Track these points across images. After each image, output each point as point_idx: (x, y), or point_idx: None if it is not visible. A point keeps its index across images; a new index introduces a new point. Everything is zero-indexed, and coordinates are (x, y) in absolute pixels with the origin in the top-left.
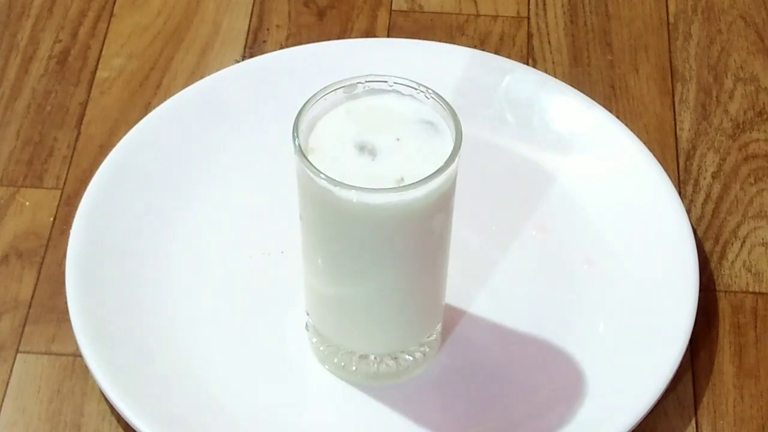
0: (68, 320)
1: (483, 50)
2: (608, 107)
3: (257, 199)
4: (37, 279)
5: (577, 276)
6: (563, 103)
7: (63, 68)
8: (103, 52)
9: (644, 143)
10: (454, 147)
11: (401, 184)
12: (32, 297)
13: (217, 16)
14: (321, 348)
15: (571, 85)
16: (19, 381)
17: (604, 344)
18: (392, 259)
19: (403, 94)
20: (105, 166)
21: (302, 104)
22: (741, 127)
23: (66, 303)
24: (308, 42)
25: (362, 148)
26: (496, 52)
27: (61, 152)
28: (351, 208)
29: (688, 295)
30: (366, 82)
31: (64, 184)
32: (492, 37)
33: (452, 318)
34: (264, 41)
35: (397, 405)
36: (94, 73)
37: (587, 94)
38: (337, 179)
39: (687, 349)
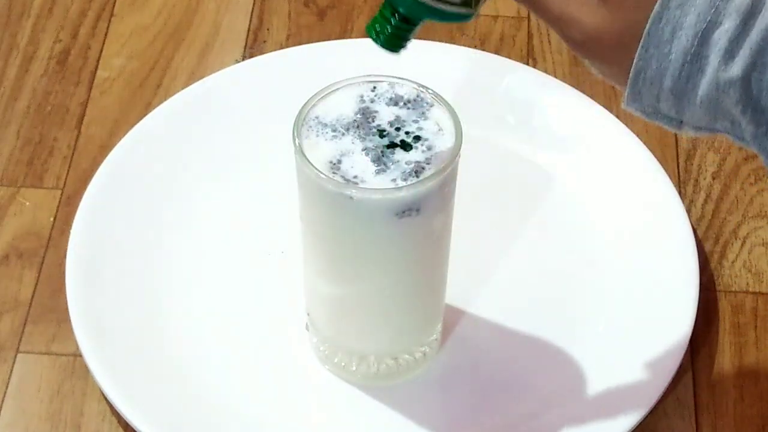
0: (68, 320)
1: (483, 50)
2: (608, 107)
3: (257, 199)
4: (37, 279)
5: (577, 276)
6: (563, 103)
7: (63, 68)
8: (103, 52)
9: (644, 143)
10: (454, 147)
11: (401, 185)
12: (32, 297)
13: (217, 16)
14: (321, 348)
15: (572, 85)
16: (19, 381)
17: (604, 344)
18: (392, 260)
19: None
20: (105, 166)
21: (302, 104)
22: None
23: (66, 303)
24: (308, 42)
25: (363, 148)
26: (496, 52)
27: (62, 152)
28: (351, 209)
29: (689, 295)
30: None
31: (64, 184)
32: (492, 37)
33: (452, 318)
34: (264, 41)
35: (397, 405)
36: (94, 73)
37: (587, 94)
38: (336, 179)
39: (687, 349)
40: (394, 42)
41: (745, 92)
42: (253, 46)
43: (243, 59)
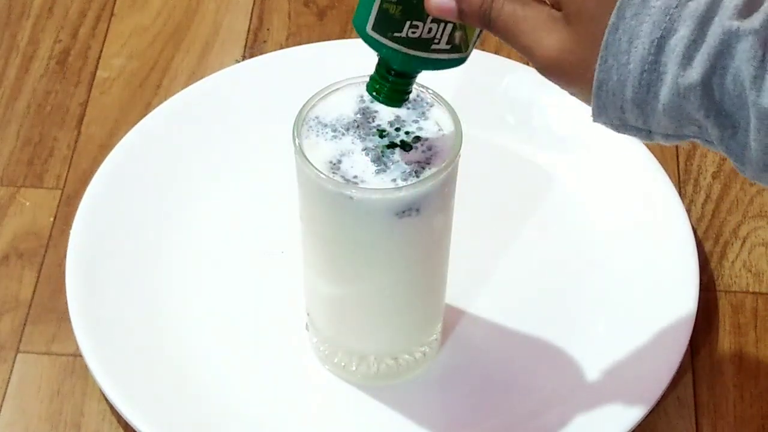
0: (68, 320)
1: (483, 50)
2: None
3: (257, 199)
4: (37, 279)
5: (577, 276)
6: (563, 103)
7: (63, 68)
8: (103, 53)
9: (644, 143)
10: (454, 147)
11: (401, 185)
12: (32, 297)
13: (217, 17)
14: (321, 348)
15: None
16: (19, 381)
17: (604, 344)
18: (392, 260)
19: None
20: (105, 166)
21: (302, 104)
22: None
23: (66, 303)
24: (308, 42)
25: (363, 148)
26: (496, 52)
27: (61, 152)
28: (351, 209)
29: (689, 295)
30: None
31: (64, 184)
32: (492, 37)
33: (452, 318)
34: (264, 41)
35: (397, 405)
36: (94, 73)
37: None
38: (336, 179)
39: (687, 349)
40: (395, 97)
41: (706, 97)
42: (253, 46)
43: (243, 59)
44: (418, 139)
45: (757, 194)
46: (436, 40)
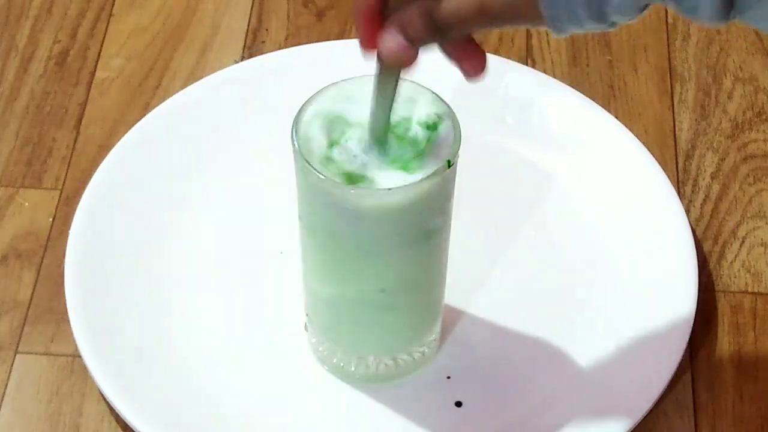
0: (67, 321)
1: None
2: (607, 107)
3: (256, 199)
4: (36, 279)
5: (577, 276)
6: (562, 104)
7: (62, 69)
8: (102, 53)
9: (643, 143)
10: (453, 147)
11: (401, 184)
12: (31, 297)
13: (216, 17)
14: (320, 348)
15: (570, 86)
16: (18, 381)
17: (604, 344)
18: (391, 260)
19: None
20: (104, 166)
21: (301, 104)
22: (740, 127)
23: (65, 303)
24: (307, 42)
25: (361, 148)
26: (495, 52)
27: (60, 153)
28: (350, 209)
29: (688, 296)
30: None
31: (63, 184)
32: (491, 37)
33: (452, 318)
34: (263, 42)
35: (397, 405)
36: (93, 73)
37: (586, 95)
38: (336, 180)
39: (686, 349)
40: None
41: None
42: (252, 47)
43: (242, 59)
44: (416, 139)
45: (756, 194)
46: None
